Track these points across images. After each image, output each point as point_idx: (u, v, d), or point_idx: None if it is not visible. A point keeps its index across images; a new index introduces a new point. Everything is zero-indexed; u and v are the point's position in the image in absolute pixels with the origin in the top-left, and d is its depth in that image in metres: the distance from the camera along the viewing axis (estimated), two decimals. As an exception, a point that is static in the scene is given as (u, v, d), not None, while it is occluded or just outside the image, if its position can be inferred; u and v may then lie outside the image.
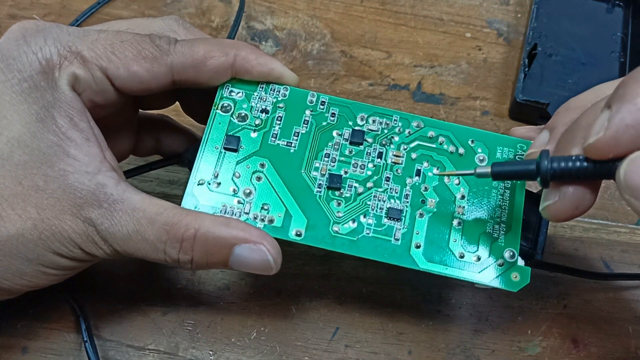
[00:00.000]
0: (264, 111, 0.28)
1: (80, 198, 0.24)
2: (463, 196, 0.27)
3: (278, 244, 0.26)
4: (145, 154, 0.32)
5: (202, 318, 0.31)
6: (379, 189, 0.27)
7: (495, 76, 0.39)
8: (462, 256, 0.26)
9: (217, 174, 0.27)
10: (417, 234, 0.27)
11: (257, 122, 0.28)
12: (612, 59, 0.38)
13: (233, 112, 0.28)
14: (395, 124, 0.28)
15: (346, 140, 0.28)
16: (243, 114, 0.28)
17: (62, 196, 0.24)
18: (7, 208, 0.24)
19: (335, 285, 0.32)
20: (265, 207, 0.27)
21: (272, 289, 0.32)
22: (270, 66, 0.28)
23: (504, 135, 0.29)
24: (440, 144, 0.28)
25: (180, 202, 0.26)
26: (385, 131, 0.28)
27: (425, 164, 0.28)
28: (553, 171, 0.23)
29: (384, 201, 0.27)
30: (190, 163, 0.27)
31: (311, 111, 0.28)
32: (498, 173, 0.24)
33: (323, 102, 0.29)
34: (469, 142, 0.28)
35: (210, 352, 0.30)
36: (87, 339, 0.28)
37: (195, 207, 0.26)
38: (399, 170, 0.28)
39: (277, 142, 0.28)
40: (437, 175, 0.27)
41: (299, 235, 0.26)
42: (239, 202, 0.27)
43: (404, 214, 0.27)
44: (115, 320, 0.30)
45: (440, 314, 0.32)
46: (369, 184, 0.27)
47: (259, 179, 0.27)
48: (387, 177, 0.27)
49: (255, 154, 0.27)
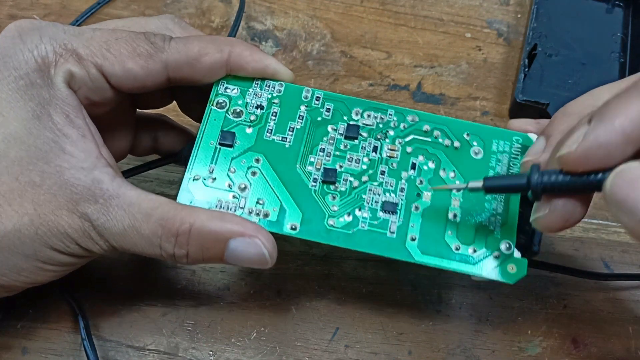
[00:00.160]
0: (259, 107, 0.28)
1: (77, 194, 0.25)
2: (459, 189, 0.27)
3: (273, 238, 0.26)
4: (143, 153, 0.32)
5: (202, 318, 0.31)
6: (374, 183, 0.27)
7: (495, 76, 0.39)
8: (457, 249, 0.26)
9: (213, 170, 0.27)
10: (412, 227, 0.26)
11: (252, 118, 0.28)
12: (612, 59, 0.38)
13: (228, 108, 0.28)
14: (390, 118, 0.28)
15: (341, 134, 0.28)
16: (238, 110, 0.28)
17: (58, 192, 0.24)
18: (3, 204, 0.24)
19: (335, 285, 0.32)
20: (261, 201, 0.27)
21: (272, 289, 0.32)
22: (265, 62, 0.28)
23: (499, 128, 0.28)
24: (436, 137, 0.28)
25: (176, 198, 0.26)
26: (380, 125, 0.28)
27: (420, 157, 0.28)
28: (544, 185, 0.23)
29: (379, 195, 0.27)
30: (186, 160, 0.27)
31: (306, 107, 0.28)
32: (490, 187, 0.25)
33: (318, 97, 0.29)
34: (465, 135, 0.28)
35: (210, 352, 0.30)
36: (86, 337, 0.28)
37: (190, 202, 0.26)
38: (394, 164, 0.28)
39: (272, 137, 0.28)
40: (433, 190, 0.27)
41: (294, 229, 0.26)
42: (234, 196, 0.27)
43: (399, 207, 0.27)
44: (115, 320, 0.30)
45: (440, 314, 0.31)
46: (364, 178, 0.27)
47: (254, 173, 0.27)
48: (382, 171, 0.27)
49: (251, 149, 0.27)
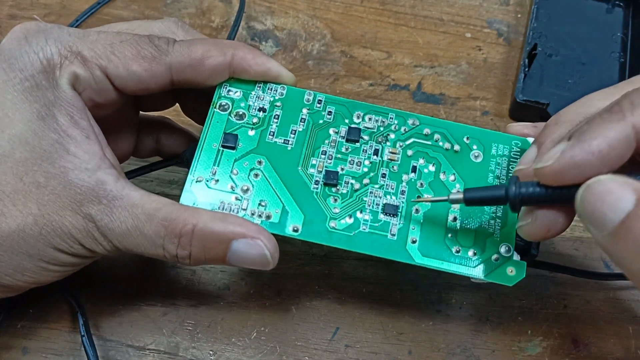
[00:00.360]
0: (262, 110, 0.28)
1: (80, 194, 0.25)
2: (459, 192, 0.27)
3: (275, 240, 0.26)
4: (146, 155, 0.33)
5: (202, 318, 0.31)
6: (375, 185, 0.27)
7: (495, 76, 0.39)
8: (458, 251, 0.26)
9: (215, 171, 0.27)
10: (413, 229, 0.27)
11: (254, 121, 0.28)
12: (612, 59, 0.38)
13: (231, 110, 0.28)
14: (391, 121, 0.29)
15: (342, 137, 0.28)
16: (241, 113, 0.28)
17: (62, 192, 0.25)
18: (8, 204, 0.24)
19: (335, 285, 0.32)
20: (263, 203, 0.27)
21: (272, 289, 0.32)
22: (268, 65, 0.28)
23: (499, 132, 0.29)
24: (436, 141, 0.28)
25: (179, 199, 0.27)
26: (381, 129, 0.28)
27: (421, 160, 0.28)
28: (522, 196, 0.24)
29: (380, 197, 0.27)
30: (188, 162, 0.28)
31: (308, 109, 0.29)
32: (470, 199, 0.25)
33: (320, 100, 0.29)
34: (465, 139, 0.28)
35: (211, 352, 0.30)
36: (85, 334, 0.28)
37: (193, 204, 0.27)
38: (395, 167, 0.28)
39: (274, 139, 0.28)
40: (413, 202, 0.27)
41: (296, 230, 0.26)
42: (236, 198, 0.27)
43: (400, 210, 0.27)
44: (115, 320, 0.30)
45: (440, 314, 0.32)
46: (365, 181, 0.27)
47: (256, 175, 0.27)
48: (383, 174, 0.28)
49: (253, 151, 0.28)
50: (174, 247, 0.25)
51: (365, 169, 0.28)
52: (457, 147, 0.28)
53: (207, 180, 0.27)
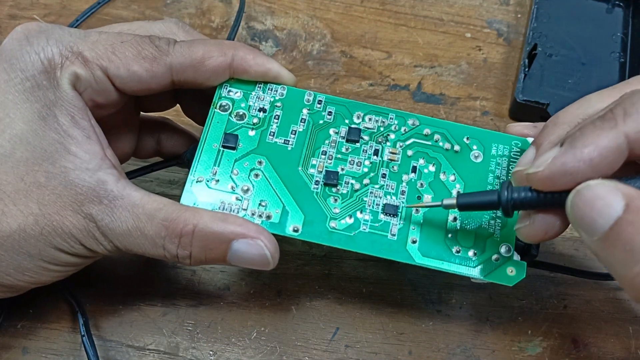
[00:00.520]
0: (262, 110, 0.29)
1: (81, 194, 0.25)
2: (459, 192, 0.27)
3: (275, 240, 0.26)
4: (146, 156, 0.33)
5: (202, 318, 0.31)
6: (375, 186, 0.27)
7: (495, 76, 0.39)
8: (458, 251, 0.26)
9: (216, 172, 0.27)
10: (413, 229, 0.27)
11: (254, 121, 0.28)
12: (612, 59, 0.38)
13: (231, 111, 0.28)
14: (391, 121, 0.29)
15: (343, 138, 0.28)
16: (241, 113, 0.28)
17: (63, 192, 0.25)
18: (9, 204, 0.24)
19: (335, 285, 0.32)
20: (263, 203, 0.27)
21: (272, 289, 0.32)
22: (268, 66, 0.28)
23: (499, 132, 0.29)
24: (436, 141, 0.28)
25: (179, 199, 0.27)
26: (382, 129, 0.28)
27: (421, 160, 0.28)
28: (514, 201, 0.24)
29: (380, 197, 0.27)
30: (189, 162, 0.28)
31: (308, 110, 0.29)
32: (463, 204, 0.25)
33: (320, 101, 0.29)
34: (465, 139, 0.28)
35: (211, 352, 0.30)
36: (85, 333, 0.28)
37: (194, 204, 0.27)
38: (395, 167, 0.28)
39: (274, 140, 0.28)
40: (407, 207, 0.27)
41: (296, 231, 0.26)
42: (237, 198, 0.27)
43: (400, 210, 0.27)
44: (115, 320, 0.31)
45: (440, 314, 0.32)
46: (365, 181, 0.27)
47: (256, 176, 0.27)
48: (384, 174, 0.28)
49: (253, 151, 0.28)
50: (175, 247, 0.25)
51: (366, 169, 0.28)
52: (457, 148, 0.28)
53: (208, 181, 0.27)
